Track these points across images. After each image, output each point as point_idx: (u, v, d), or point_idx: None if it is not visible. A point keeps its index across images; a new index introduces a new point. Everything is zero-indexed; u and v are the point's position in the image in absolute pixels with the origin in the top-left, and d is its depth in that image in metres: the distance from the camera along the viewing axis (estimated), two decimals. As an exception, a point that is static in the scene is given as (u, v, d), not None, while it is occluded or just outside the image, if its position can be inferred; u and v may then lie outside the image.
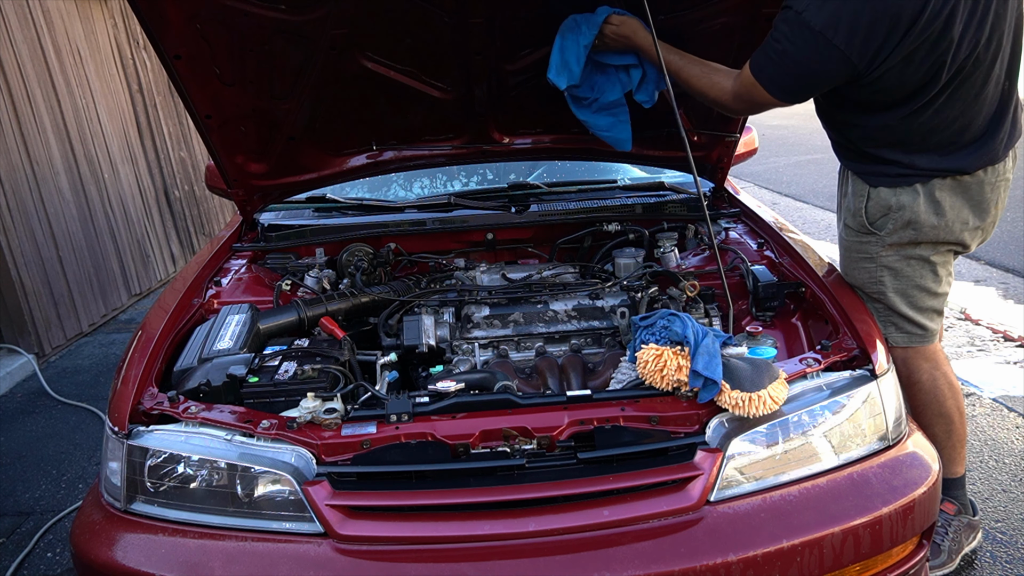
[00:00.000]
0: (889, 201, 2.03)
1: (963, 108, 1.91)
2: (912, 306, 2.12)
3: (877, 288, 2.13)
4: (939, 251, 2.07)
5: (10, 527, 2.83)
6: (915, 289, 2.10)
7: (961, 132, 1.94)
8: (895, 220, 2.03)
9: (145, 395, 1.73)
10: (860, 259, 2.14)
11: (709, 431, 1.64)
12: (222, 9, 1.92)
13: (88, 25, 5.21)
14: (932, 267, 2.09)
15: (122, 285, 5.35)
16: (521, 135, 2.67)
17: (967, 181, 1.99)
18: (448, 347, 2.12)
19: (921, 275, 2.09)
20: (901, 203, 2.01)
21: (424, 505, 1.54)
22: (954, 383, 2.18)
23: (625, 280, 2.27)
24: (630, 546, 1.47)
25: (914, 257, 2.08)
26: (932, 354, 2.17)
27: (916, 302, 2.11)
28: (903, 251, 2.08)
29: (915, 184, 2.00)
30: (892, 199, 2.02)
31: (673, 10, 2.11)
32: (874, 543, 1.56)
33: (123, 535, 1.58)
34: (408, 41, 2.20)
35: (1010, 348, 3.84)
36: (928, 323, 2.14)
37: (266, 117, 2.31)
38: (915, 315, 2.12)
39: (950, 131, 1.93)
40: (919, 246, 2.06)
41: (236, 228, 2.77)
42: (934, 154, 1.96)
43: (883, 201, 2.04)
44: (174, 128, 6.33)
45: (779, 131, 12.62)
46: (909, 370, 2.16)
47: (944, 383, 2.15)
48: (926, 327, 2.14)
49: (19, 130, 4.37)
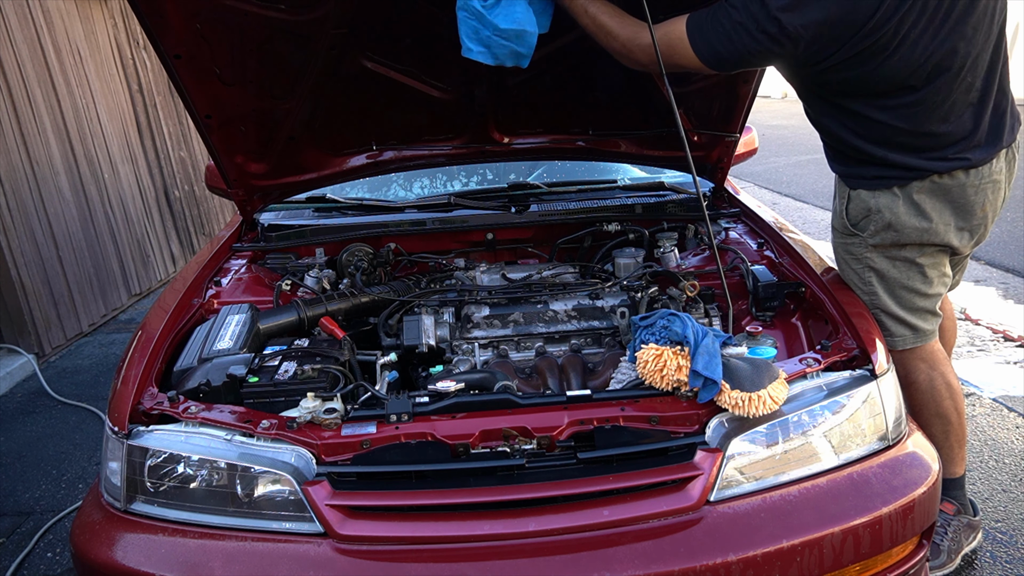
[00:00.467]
0: (868, 203, 2.04)
1: (930, 112, 1.89)
2: (902, 307, 2.11)
3: (867, 289, 2.13)
4: (926, 253, 2.07)
5: (10, 527, 2.83)
6: (903, 290, 2.10)
7: (932, 135, 1.93)
8: (876, 222, 2.04)
9: (145, 395, 1.73)
10: (848, 260, 2.15)
11: (709, 431, 1.64)
12: (222, 9, 1.92)
13: (88, 25, 5.21)
14: (920, 268, 2.08)
15: (122, 285, 5.35)
16: (521, 135, 2.67)
17: (946, 183, 1.98)
18: (448, 347, 2.12)
19: (908, 276, 2.09)
20: (879, 205, 2.02)
21: (424, 505, 1.54)
22: (952, 383, 2.17)
23: (625, 280, 2.27)
24: (630, 546, 1.47)
25: (900, 259, 2.08)
26: (929, 354, 2.17)
27: (906, 303, 2.11)
28: (887, 252, 2.08)
29: (892, 187, 1.99)
30: (871, 201, 2.03)
31: (674, 11, 2.11)
32: (874, 543, 1.56)
33: (123, 535, 1.58)
34: (408, 41, 2.20)
35: (1010, 348, 3.84)
36: (921, 324, 2.14)
37: (266, 117, 2.30)
38: (906, 315, 2.12)
39: (920, 132, 1.92)
40: (904, 248, 2.06)
41: (236, 228, 2.77)
42: (907, 154, 1.95)
43: (863, 203, 2.05)
44: (174, 128, 6.33)
45: (779, 131, 12.63)
46: (906, 370, 2.16)
47: (942, 383, 2.15)
48: (918, 327, 2.14)
49: (19, 130, 4.37)
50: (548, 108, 2.50)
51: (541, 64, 2.30)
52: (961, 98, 1.90)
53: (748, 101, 2.39)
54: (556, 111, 2.48)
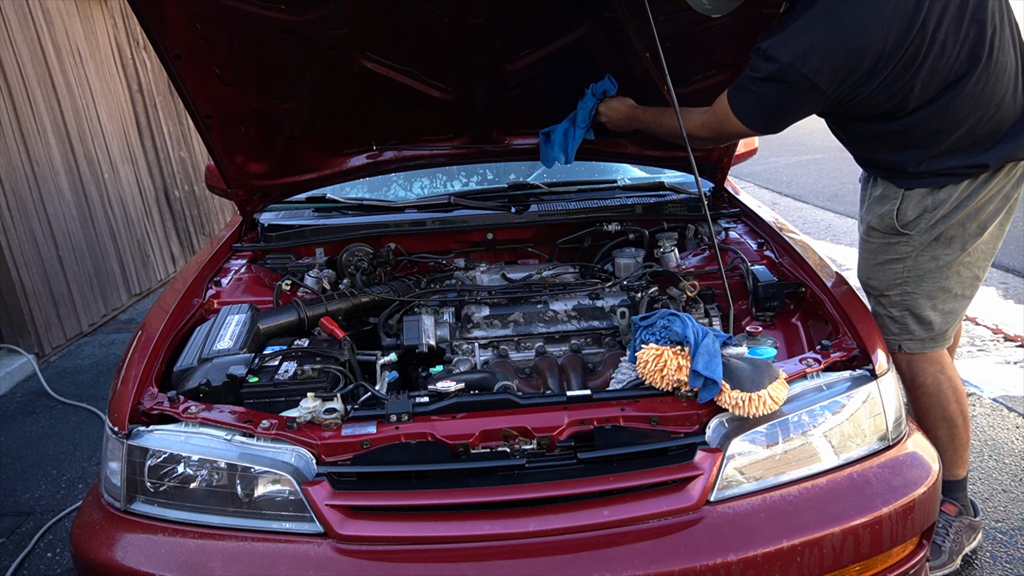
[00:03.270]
0: (925, 202, 2.03)
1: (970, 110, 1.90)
2: (934, 308, 2.12)
3: (901, 290, 2.13)
4: (967, 252, 2.08)
5: (10, 527, 2.83)
6: (940, 291, 2.11)
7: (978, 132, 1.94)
8: (927, 220, 2.04)
9: (145, 395, 1.73)
10: (887, 261, 2.14)
11: (709, 431, 1.64)
12: (222, 9, 1.92)
13: (88, 25, 5.21)
14: (958, 269, 2.09)
15: (122, 285, 5.35)
16: (521, 135, 2.67)
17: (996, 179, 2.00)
18: (448, 347, 2.12)
19: (946, 276, 2.10)
20: (935, 202, 2.02)
21: (424, 505, 1.53)
22: (958, 387, 2.18)
23: (625, 280, 2.26)
24: (630, 546, 1.47)
25: (943, 258, 2.08)
26: (938, 358, 2.18)
27: (939, 303, 2.12)
28: (931, 251, 2.08)
29: (947, 184, 2.00)
30: (928, 200, 2.03)
31: (674, 11, 2.11)
32: (874, 543, 1.56)
33: (123, 535, 1.58)
34: (408, 41, 2.20)
35: (1010, 348, 3.84)
36: (945, 327, 2.15)
37: (266, 117, 2.30)
38: (935, 317, 2.12)
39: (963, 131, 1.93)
40: (950, 245, 2.06)
41: (236, 228, 2.77)
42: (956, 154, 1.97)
43: (916, 203, 2.05)
44: (174, 128, 6.33)
45: (779, 131, 12.61)
46: (913, 373, 2.16)
47: (948, 387, 2.16)
48: (941, 331, 2.15)
49: (19, 130, 4.37)
50: (548, 108, 2.50)
51: (541, 64, 2.31)
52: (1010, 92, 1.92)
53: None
54: (556, 111, 2.47)
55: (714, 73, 2.37)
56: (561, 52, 2.29)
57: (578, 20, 2.21)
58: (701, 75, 2.38)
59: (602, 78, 2.35)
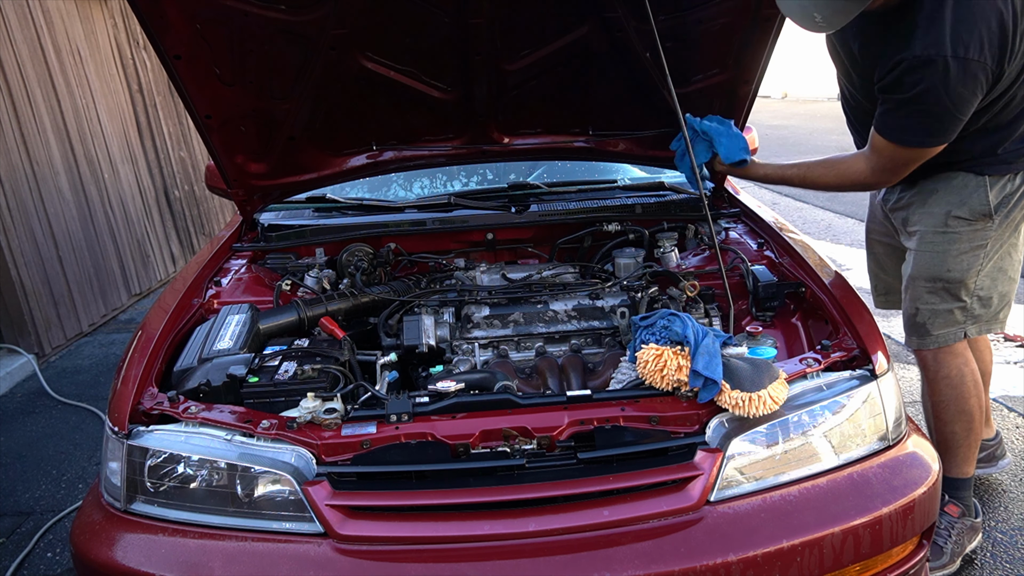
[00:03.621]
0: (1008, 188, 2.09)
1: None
2: (994, 287, 2.18)
3: (978, 275, 2.17)
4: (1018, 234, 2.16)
5: (10, 527, 2.83)
6: (999, 272, 2.18)
7: None
8: (1007, 205, 2.10)
9: (145, 395, 1.73)
10: (972, 249, 2.16)
11: (709, 431, 1.64)
12: (222, 9, 1.92)
13: (88, 25, 5.21)
14: (1009, 251, 2.17)
15: (122, 285, 5.35)
16: (521, 135, 2.66)
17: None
18: (448, 347, 2.12)
19: (1004, 258, 2.17)
20: (1014, 187, 2.08)
21: (424, 505, 1.54)
22: (979, 381, 2.22)
23: (625, 280, 2.27)
24: (630, 546, 1.47)
25: (1008, 241, 2.16)
26: (963, 350, 2.22)
27: (999, 284, 2.19)
28: (1006, 234, 2.15)
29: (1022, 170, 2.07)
30: (1009, 185, 2.09)
31: (674, 11, 2.11)
32: (874, 543, 1.56)
33: (123, 535, 1.58)
34: (408, 41, 2.20)
35: (1010, 348, 3.84)
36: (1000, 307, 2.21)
37: (266, 117, 2.30)
38: (991, 296, 2.18)
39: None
40: (1017, 229, 2.15)
41: (236, 228, 2.77)
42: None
43: (1000, 188, 2.09)
44: (174, 128, 6.33)
45: (779, 131, 12.62)
46: (939, 365, 2.20)
47: (971, 380, 2.19)
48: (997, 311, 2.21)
49: (19, 130, 4.37)
50: (548, 108, 2.50)
51: (541, 64, 2.31)
52: None
53: (748, 101, 2.40)
54: (556, 111, 2.47)
55: (714, 73, 2.37)
56: (561, 52, 2.28)
57: (578, 20, 2.21)
58: (701, 75, 2.38)
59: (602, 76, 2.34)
